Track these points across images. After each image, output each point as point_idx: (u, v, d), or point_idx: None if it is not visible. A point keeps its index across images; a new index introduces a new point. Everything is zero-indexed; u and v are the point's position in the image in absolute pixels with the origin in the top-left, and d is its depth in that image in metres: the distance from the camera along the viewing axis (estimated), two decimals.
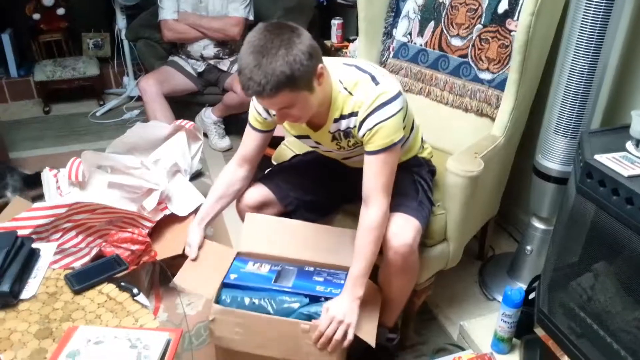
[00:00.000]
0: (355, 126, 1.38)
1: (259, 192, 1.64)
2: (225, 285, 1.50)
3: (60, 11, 3.51)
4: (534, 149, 1.81)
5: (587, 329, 1.34)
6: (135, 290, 1.36)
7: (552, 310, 1.44)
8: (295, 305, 1.42)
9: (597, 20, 1.48)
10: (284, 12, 2.99)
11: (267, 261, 1.57)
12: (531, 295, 1.69)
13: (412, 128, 1.57)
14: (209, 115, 3.02)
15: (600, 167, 1.17)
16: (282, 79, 1.19)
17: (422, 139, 1.68)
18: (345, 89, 1.37)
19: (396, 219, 1.43)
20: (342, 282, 1.49)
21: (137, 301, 1.35)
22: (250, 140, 1.59)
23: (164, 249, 1.90)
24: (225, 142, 3.03)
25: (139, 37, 3.06)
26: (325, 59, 1.35)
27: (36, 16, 3.47)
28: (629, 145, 1.25)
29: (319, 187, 1.69)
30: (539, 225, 1.87)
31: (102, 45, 3.76)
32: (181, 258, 1.57)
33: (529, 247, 1.91)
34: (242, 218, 1.65)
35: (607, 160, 1.18)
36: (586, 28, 1.50)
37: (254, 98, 1.45)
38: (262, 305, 1.42)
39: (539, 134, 1.91)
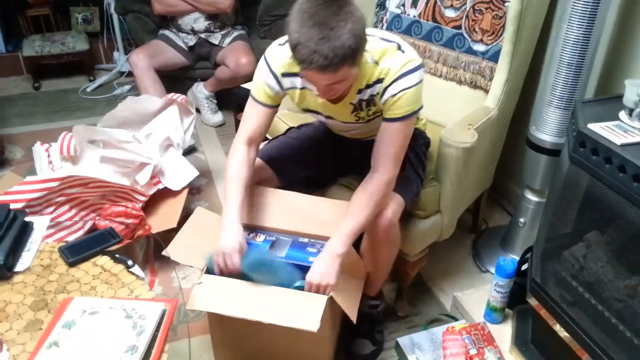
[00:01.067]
0: (378, 93, 1.36)
1: (257, 167, 1.63)
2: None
3: None
4: (528, 122, 1.80)
5: (579, 298, 1.36)
6: (129, 262, 1.36)
7: (545, 280, 1.46)
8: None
9: None
10: None
11: (262, 231, 1.58)
12: (524, 267, 1.71)
13: None
14: (200, 90, 2.99)
15: (593, 135, 1.17)
16: (349, 53, 1.15)
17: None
18: (373, 58, 1.33)
19: None
20: None
21: (132, 272, 1.34)
22: (256, 117, 1.47)
23: (158, 223, 1.91)
24: (218, 117, 3.01)
25: (129, 11, 3.01)
26: None
27: None
28: (622, 114, 1.25)
29: (316, 161, 1.69)
30: (532, 197, 1.88)
31: (91, 20, 3.69)
32: (176, 232, 1.57)
33: (522, 220, 1.92)
34: None
35: (600, 129, 1.18)
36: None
37: (264, 72, 1.41)
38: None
39: (533, 106, 1.91)
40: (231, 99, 2.78)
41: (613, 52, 1.69)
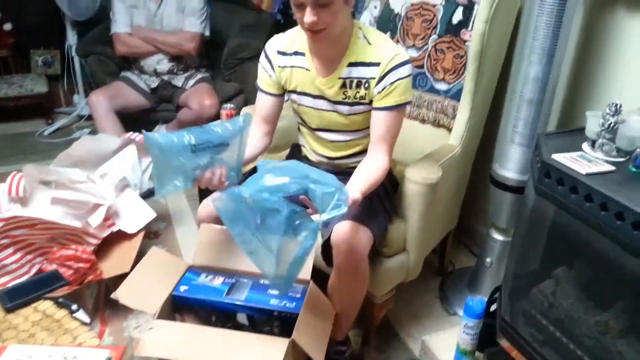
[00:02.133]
0: (374, 77, 1.41)
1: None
2: (174, 298, 1.42)
3: (7, 26, 3.39)
4: (491, 160, 1.80)
5: (550, 336, 1.31)
6: (74, 307, 1.26)
7: (515, 319, 1.41)
8: None
9: (550, 27, 1.49)
10: (240, 29, 2.96)
11: (221, 274, 1.50)
12: (493, 307, 1.65)
13: None
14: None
15: (558, 165, 1.16)
16: None
17: None
18: (365, 37, 1.42)
19: (347, 225, 1.38)
20: (298, 295, 1.43)
21: (75, 318, 1.24)
22: (263, 102, 1.57)
23: (111, 268, 1.79)
24: None
25: (90, 53, 2.96)
26: None
27: None
28: (585, 145, 1.25)
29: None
30: (497, 236, 1.85)
31: (52, 63, 3.64)
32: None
33: (488, 259, 1.89)
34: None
35: (565, 159, 1.17)
36: (539, 34, 1.51)
37: (262, 59, 1.52)
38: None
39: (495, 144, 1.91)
40: None
41: (573, 86, 1.71)
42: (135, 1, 2.75)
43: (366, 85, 1.43)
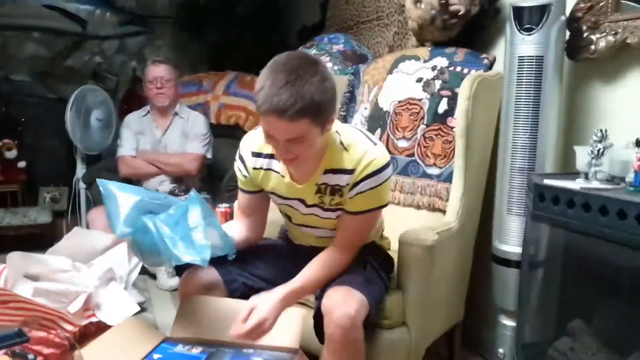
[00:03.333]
0: (348, 184, 1.33)
1: (207, 274, 1.48)
2: None
3: (22, 164, 3.54)
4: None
5: None
6: (30, 356, 1.12)
7: None
8: None
9: (530, 98, 1.56)
10: None
11: (201, 344, 1.36)
12: None
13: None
14: None
15: (551, 186, 1.12)
16: (311, 106, 1.14)
17: (382, 230, 1.63)
18: (342, 143, 1.33)
19: (339, 290, 1.30)
20: None
21: None
22: (241, 198, 1.53)
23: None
24: (174, 281, 2.84)
25: (96, 180, 3.05)
26: None
27: None
28: (579, 180, 1.22)
29: (269, 274, 1.54)
30: (507, 322, 1.70)
31: (59, 200, 3.73)
32: None
33: (500, 350, 1.72)
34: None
35: (558, 182, 1.14)
36: (521, 107, 1.57)
37: (236, 159, 1.46)
38: None
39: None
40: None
41: (563, 153, 1.69)
42: (141, 128, 2.92)
43: (340, 193, 1.36)
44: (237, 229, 1.53)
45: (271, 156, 1.41)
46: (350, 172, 1.32)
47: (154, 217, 1.28)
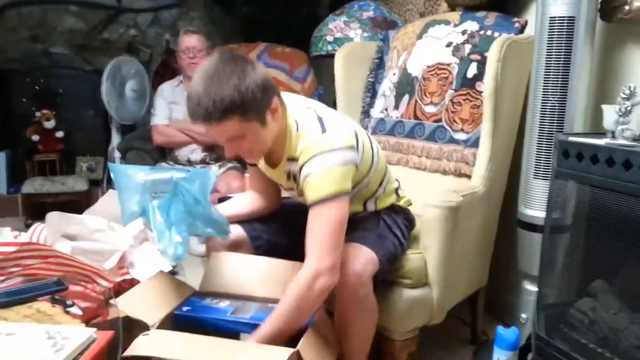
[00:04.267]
0: (297, 172, 1.33)
1: (233, 232, 1.53)
2: (176, 316, 1.33)
3: (59, 134, 3.66)
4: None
5: (594, 357, 1.15)
6: (68, 302, 1.19)
7: (553, 340, 1.24)
8: None
9: (560, 60, 1.53)
10: None
11: (228, 298, 1.41)
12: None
13: (382, 182, 1.51)
14: None
15: (575, 142, 1.11)
16: (230, 107, 1.18)
17: (397, 191, 1.62)
18: (298, 131, 1.32)
19: (348, 248, 1.31)
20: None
21: (68, 312, 1.17)
22: (252, 173, 1.58)
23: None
24: (204, 247, 2.91)
25: (130, 148, 3.13)
26: (288, 95, 1.38)
27: (35, 137, 3.61)
28: (606, 140, 1.20)
29: (292, 231, 1.57)
30: (531, 288, 1.70)
31: (95, 169, 3.85)
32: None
33: (523, 315, 1.71)
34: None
35: (582, 139, 1.13)
36: (551, 69, 1.55)
37: None
38: None
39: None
40: None
41: (594, 115, 1.65)
42: (174, 98, 2.97)
43: (297, 180, 1.36)
44: (246, 197, 1.60)
45: None
46: (296, 160, 1.32)
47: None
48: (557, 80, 1.55)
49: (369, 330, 1.36)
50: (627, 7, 1.54)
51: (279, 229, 1.57)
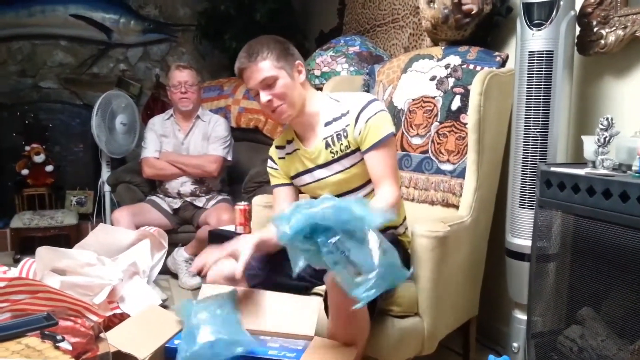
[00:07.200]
0: (349, 124, 1.55)
1: (229, 266, 1.54)
2: (167, 349, 1.33)
3: (49, 168, 3.66)
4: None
5: None
6: (59, 337, 1.18)
7: None
8: None
9: (541, 93, 1.58)
10: (261, 162, 3.13)
11: None
12: None
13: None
14: (181, 254, 2.95)
15: (557, 172, 1.15)
16: (267, 51, 1.51)
17: (405, 220, 1.69)
18: (332, 98, 1.62)
19: None
20: (299, 347, 1.32)
21: (58, 347, 1.16)
22: (277, 195, 1.72)
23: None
24: (196, 280, 2.90)
25: (120, 181, 3.14)
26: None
27: (25, 171, 3.60)
28: (587, 169, 1.24)
29: (289, 269, 1.59)
30: (522, 316, 1.71)
31: (85, 203, 3.84)
32: None
33: (515, 344, 1.72)
34: None
35: (563, 169, 1.16)
36: (532, 101, 1.60)
37: (268, 162, 1.73)
38: None
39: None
40: None
41: (574, 146, 1.69)
42: (165, 131, 3.00)
43: (345, 134, 1.56)
44: None
45: (288, 142, 1.69)
46: (346, 114, 1.56)
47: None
48: (538, 112, 1.60)
49: (360, 344, 1.36)
50: (602, 42, 1.61)
51: (274, 266, 1.58)
